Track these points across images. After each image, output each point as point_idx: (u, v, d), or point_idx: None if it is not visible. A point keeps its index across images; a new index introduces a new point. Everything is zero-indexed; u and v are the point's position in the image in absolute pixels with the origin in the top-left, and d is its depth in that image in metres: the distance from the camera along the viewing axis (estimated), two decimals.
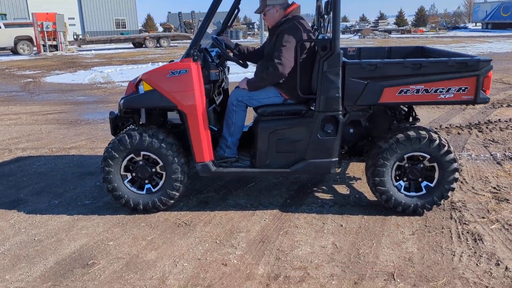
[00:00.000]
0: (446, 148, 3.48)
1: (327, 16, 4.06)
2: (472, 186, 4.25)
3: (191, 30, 39.48)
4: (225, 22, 4.30)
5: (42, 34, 23.85)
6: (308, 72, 3.59)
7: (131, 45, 29.97)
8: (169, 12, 69.75)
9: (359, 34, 30.24)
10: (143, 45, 28.73)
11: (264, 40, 3.42)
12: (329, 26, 4.14)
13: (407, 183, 3.65)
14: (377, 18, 62.63)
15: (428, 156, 3.52)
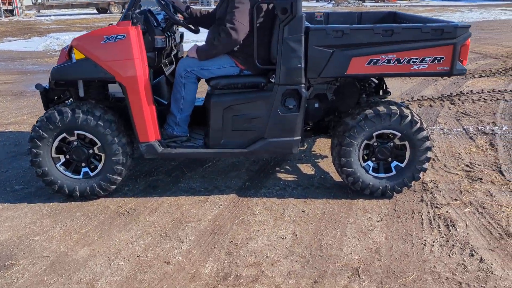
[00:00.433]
0: (418, 125, 3.15)
1: None
2: (445, 163, 3.98)
3: None
4: None
5: None
6: (266, 39, 3.15)
7: (95, 11, 28.43)
8: None
9: (332, 2, 29.57)
10: (108, 11, 27.25)
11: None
12: None
13: (376, 164, 3.32)
14: None
15: (399, 134, 3.19)
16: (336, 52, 2.99)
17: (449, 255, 2.61)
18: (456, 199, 3.30)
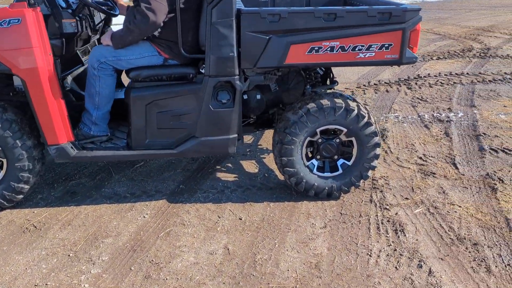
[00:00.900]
0: (365, 119, 2.85)
1: None
2: (397, 156, 3.73)
3: None
4: None
5: None
6: (194, 23, 2.74)
7: None
8: None
9: None
10: None
11: None
12: None
13: (321, 162, 3.02)
14: None
15: (345, 130, 2.88)
16: (273, 39, 2.63)
17: (396, 267, 2.35)
18: (407, 198, 3.05)
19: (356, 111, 2.82)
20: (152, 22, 2.53)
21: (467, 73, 6.45)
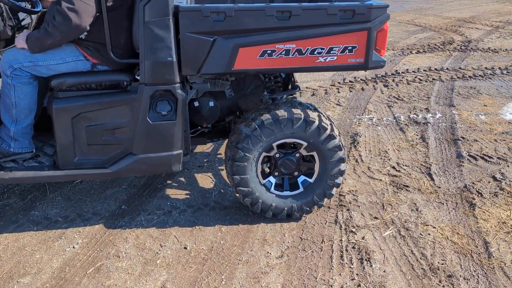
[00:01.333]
0: (327, 132, 2.50)
1: None
2: (368, 165, 3.41)
3: None
4: None
5: None
6: (126, 22, 2.34)
7: None
8: None
9: None
10: None
11: None
12: None
13: (279, 179, 2.68)
14: None
15: (305, 144, 2.53)
16: (218, 41, 2.25)
17: None
18: (376, 217, 2.73)
19: (317, 123, 2.47)
20: (75, 26, 2.13)
21: (447, 68, 6.16)
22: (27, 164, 2.47)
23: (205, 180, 3.16)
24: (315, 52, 2.32)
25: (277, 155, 2.57)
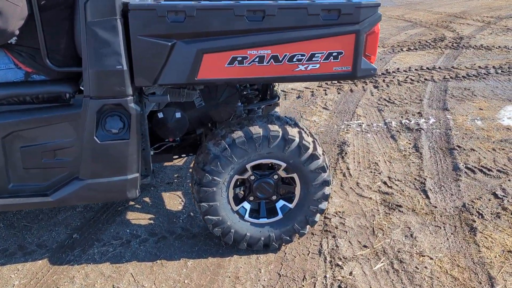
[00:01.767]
0: (309, 151, 2.15)
1: None
2: (357, 180, 3.07)
3: None
4: None
5: None
6: (67, 23, 1.95)
7: None
8: None
9: None
10: None
11: None
12: None
13: (255, 205, 2.32)
14: None
15: (284, 164, 2.18)
16: (178, 46, 1.88)
17: None
18: (365, 246, 2.39)
19: (297, 141, 2.11)
20: (1, 31, 1.74)
21: (439, 68, 5.85)
22: None
23: (173, 201, 2.78)
24: (294, 59, 1.96)
25: (252, 178, 2.21)
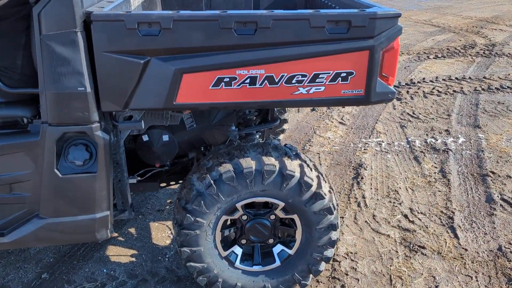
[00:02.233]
0: (313, 189, 1.78)
1: None
2: (373, 212, 2.68)
3: None
4: None
5: None
6: (21, 38, 1.65)
7: None
8: None
9: None
10: None
11: None
12: None
13: (248, 248, 1.97)
14: None
15: (282, 204, 1.82)
16: (152, 64, 1.55)
17: None
18: None
19: (297, 177, 1.75)
20: None
21: (470, 78, 5.37)
22: None
23: (162, 233, 2.46)
24: (294, 81, 1.60)
25: (244, 218, 1.87)
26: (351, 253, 2.32)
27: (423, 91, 4.92)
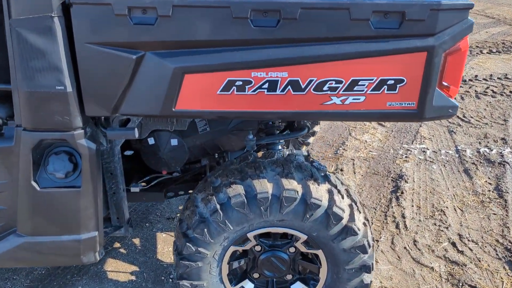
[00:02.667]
0: (343, 221, 1.43)
1: None
2: (415, 237, 2.30)
3: None
4: None
5: None
6: None
7: None
8: None
9: None
10: None
11: None
12: None
13: (262, 283, 1.65)
14: None
15: (304, 236, 1.48)
16: (147, 60, 1.24)
17: None
18: None
19: (324, 206, 1.40)
20: None
21: None
22: None
23: (169, 246, 2.18)
24: (325, 88, 1.25)
25: (258, 249, 1.54)
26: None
27: (475, 91, 4.40)
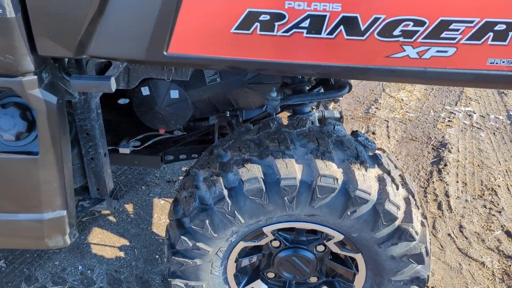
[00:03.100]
0: (397, 222, 1.03)
1: None
2: (461, 221, 1.91)
3: None
4: None
5: None
6: None
7: None
8: None
9: None
10: None
11: None
12: None
13: (278, 284, 1.29)
14: None
15: (341, 236, 1.10)
16: None
17: None
18: None
19: (373, 200, 1.00)
20: None
21: None
22: None
23: (166, 216, 1.84)
24: (396, 32, 0.80)
25: (275, 244, 1.17)
26: (427, 287, 1.60)
27: None
